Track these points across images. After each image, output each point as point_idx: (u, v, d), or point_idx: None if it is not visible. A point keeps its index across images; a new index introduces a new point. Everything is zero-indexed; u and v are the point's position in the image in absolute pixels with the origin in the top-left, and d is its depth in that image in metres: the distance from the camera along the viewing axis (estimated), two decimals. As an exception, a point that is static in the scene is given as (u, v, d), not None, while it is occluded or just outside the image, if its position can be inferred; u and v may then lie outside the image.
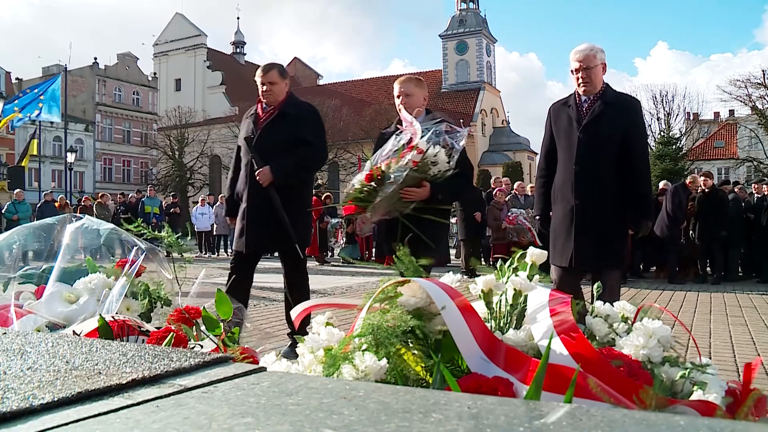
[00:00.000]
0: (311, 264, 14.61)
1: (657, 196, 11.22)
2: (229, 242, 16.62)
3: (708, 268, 10.56)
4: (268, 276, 7.61)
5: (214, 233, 17.37)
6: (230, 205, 4.19)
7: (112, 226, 2.08)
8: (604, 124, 3.55)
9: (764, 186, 11.04)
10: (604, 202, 3.55)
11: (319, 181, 18.76)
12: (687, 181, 10.87)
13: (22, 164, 22.40)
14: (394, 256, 1.26)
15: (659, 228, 10.24)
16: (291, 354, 2.24)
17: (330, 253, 15.72)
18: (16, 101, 15.72)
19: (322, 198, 15.21)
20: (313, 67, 69.25)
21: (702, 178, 10.60)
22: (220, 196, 16.20)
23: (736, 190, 11.77)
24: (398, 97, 3.45)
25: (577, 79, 3.62)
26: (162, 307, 1.94)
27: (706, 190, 10.37)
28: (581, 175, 3.58)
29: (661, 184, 12.07)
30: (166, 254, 2.11)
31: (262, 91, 3.88)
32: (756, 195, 11.22)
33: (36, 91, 15.60)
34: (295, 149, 3.79)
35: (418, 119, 3.21)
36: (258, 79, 3.89)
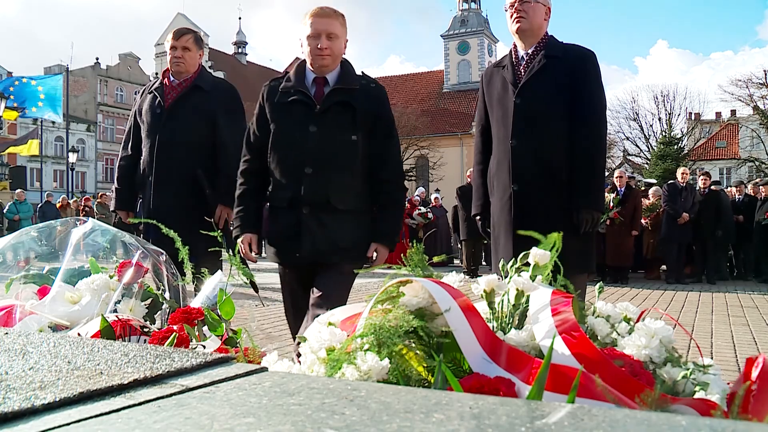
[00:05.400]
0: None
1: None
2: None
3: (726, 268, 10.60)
4: (270, 275, 7.60)
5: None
6: (123, 195, 3.58)
7: (116, 229, 2.08)
8: (546, 83, 2.78)
9: (761, 187, 10.99)
10: (553, 185, 2.78)
11: None
12: (679, 178, 10.71)
13: (18, 150, 21.86)
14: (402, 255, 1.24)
15: (666, 228, 10.23)
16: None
17: None
18: (12, 89, 15.57)
19: None
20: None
21: (702, 177, 10.61)
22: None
23: (728, 190, 11.79)
24: (316, 37, 2.52)
25: (511, 15, 2.85)
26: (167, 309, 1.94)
27: (705, 191, 10.39)
28: (520, 151, 2.79)
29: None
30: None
31: (173, 58, 3.41)
32: (752, 195, 11.19)
33: (34, 83, 15.51)
34: (205, 130, 3.34)
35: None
36: (168, 44, 3.44)
